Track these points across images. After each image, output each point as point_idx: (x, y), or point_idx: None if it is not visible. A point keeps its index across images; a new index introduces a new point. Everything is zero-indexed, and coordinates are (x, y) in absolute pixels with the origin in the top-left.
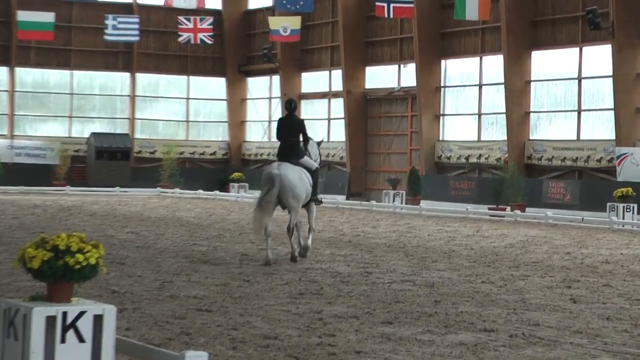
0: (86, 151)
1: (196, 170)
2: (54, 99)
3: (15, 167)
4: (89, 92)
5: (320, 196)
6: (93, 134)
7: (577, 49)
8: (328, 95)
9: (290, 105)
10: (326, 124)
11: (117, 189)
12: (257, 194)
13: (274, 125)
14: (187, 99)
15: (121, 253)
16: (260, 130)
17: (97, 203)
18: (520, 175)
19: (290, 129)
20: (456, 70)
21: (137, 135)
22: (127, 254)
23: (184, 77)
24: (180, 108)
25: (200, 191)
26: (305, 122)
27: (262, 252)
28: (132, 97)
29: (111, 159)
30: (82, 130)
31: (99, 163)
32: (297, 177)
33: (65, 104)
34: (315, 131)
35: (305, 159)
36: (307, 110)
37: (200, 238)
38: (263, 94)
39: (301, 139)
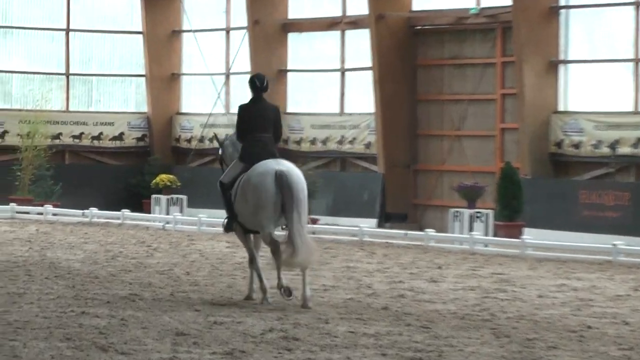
0: None
1: (86, 169)
2: None
3: None
4: None
5: None
6: None
7: None
8: (339, 23)
9: (262, 83)
10: (337, 80)
11: None
12: (204, 216)
13: (239, 90)
14: (67, 31)
15: None
16: (210, 93)
17: None
18: None
19: (263, 120)
20: None
21: None
22: None
23: None
24: (55, 50)
25: (94, 210)
26: (298, 78)
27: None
28: None
29: None
30: None
31: None
32: (303, 179)
33: None
34: (315, 95)
35: None
36: (299, 54)
37: (94, 302)
38: (213, 23)
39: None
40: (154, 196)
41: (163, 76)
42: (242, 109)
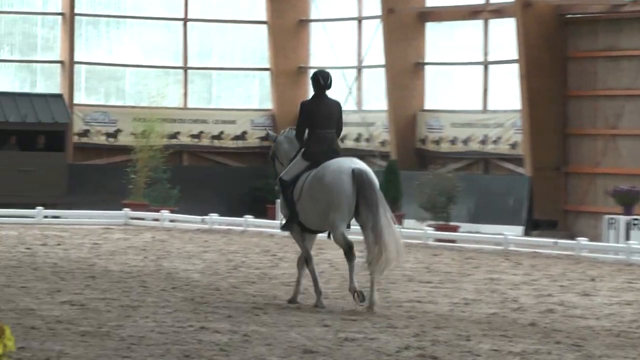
0: None
1: (205, 171)
2: None
3: None
4: None
5: None
6: None
7: None
8: (482, 12)
9: (326, 81)
10: (479, 74)
11: (40, 210)
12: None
13: (372, 85)
14: (185, 20)
15: (49, 347)
16: (341, 88)
17: None
18: None
19: (327, 117)
20: None
21: (80, 98)
22: (63, 348)
23: None
24: (172, 41)
25: (214, 216)
26: (436, 71)
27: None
28: (70, 16)
29: (26, 149)
30: None
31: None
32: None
33: None
34: (456, 90)
35: None
36: (438, 45)
37: (215, 316)
38: (343, 12)
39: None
40: (278, 201)
41: (289, 70)
42: (306, 105)
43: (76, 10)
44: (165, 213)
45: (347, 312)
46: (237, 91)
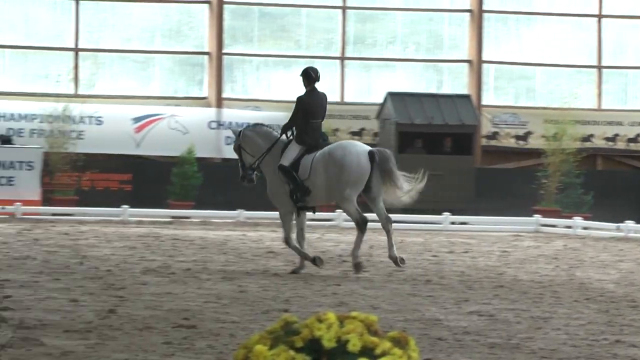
0: (378, 134)
1: (620, 176)
2: (289, 16)
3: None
4: None
5: None
6: (392, 95)
7: None
8: None
9: (316, 75)
10: None
11: (447, 216)
12: None
13: None
14: (599, 17)
15: (456, 359)
16: None
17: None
18: None
19: (319, 108)
20: None
21: (488, 99)
22: None
23: None
24: (584, 39)
25: (630, 224)
26: None
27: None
28: (478, 13)
29: (433, 152)
30: (369, 86)
31: (405, 161)
32: None
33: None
34: None
35: None
36: None
37: (631, 329)
38: None
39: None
40: None
41: None
42: (303, 99)
43: (484, 7)
44: (578, 220)
45: None
46: None
